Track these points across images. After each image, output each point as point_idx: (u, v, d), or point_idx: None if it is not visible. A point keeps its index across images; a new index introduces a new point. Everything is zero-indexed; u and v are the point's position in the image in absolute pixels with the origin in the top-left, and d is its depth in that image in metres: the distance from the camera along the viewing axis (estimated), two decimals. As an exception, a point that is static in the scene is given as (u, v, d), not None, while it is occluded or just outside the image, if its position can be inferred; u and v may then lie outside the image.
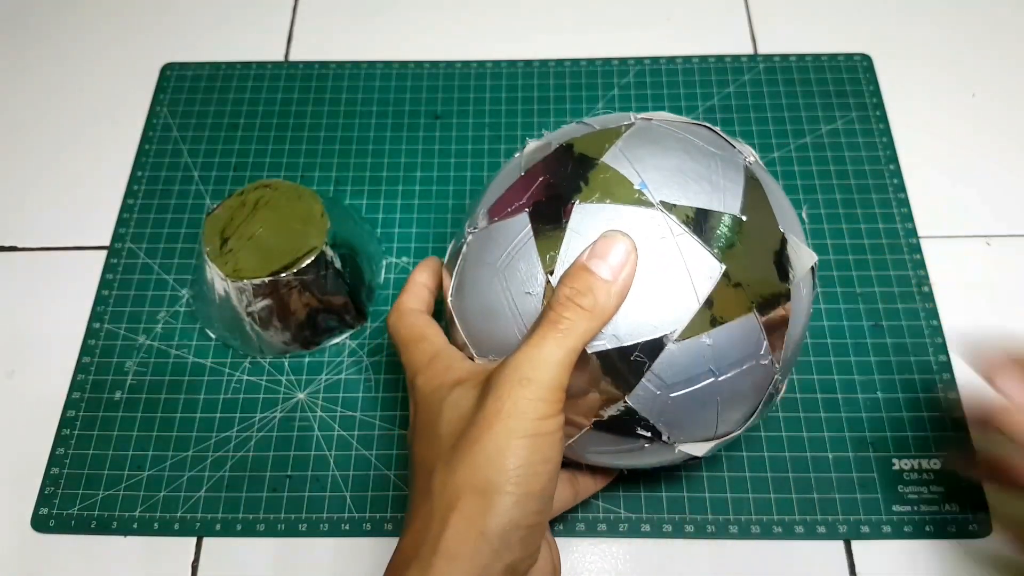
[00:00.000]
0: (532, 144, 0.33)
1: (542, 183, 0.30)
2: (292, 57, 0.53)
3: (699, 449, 0.30)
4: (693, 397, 0.28)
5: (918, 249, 0.44)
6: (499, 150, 0.48)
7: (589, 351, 0.27)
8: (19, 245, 0.47)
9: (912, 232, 0.45)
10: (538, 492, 0.26)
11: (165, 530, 0.38)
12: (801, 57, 0.51)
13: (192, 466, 0.40)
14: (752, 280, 0.28)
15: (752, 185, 0.29)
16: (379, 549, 0.38)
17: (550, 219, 0.28)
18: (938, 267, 0.44)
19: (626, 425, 0.29)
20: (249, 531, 0.38)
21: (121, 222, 0.47)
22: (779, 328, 0.29)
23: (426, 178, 0.47)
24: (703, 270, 0.27)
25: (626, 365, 0.27)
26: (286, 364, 0.42)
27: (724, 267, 0.27)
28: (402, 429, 0.40)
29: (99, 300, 0.44)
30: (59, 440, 0.40)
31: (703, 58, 0.51)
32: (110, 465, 0.40)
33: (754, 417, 0.31)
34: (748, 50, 0.52)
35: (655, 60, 0.51)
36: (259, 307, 0.39)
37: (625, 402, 0.28)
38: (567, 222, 0.28)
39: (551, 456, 0.27)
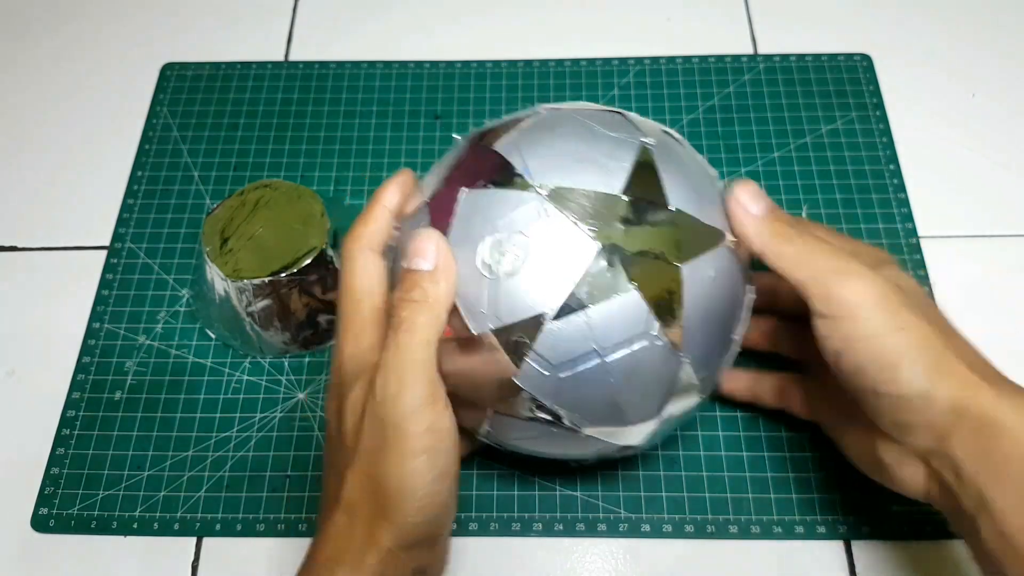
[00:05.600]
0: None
1: (455, 174, 0.31)
2: (292, 57, 0.53)
3: (615, 436, 0.30)
4: (583, 379, 0.28)
5: (918, 249, 0.44)
6: (499, 150, 0.48)
7: (475, 333, 0.28)
8: (19, 245, 0.47)
9: (912, 232, 0.45)
10: (440, 508, 0.28)
11: (165, 530, 0.38)
12: (801, 57, 0.51)
13: (192, 466, 0.40)
14: (634, 258, 0.28)
15: (642, 165, 0.29)
16: (379, 549, 0.38)
17: (444, 210, 0.29)
18: (938, 267, 0.44)
19: (524, 407, 0.29)
20: (249, 531, 0.38)
21: (121, 222, 0.47)
22: (669, 307, 0.28)
23: (426, 178, 0.47)
24: (579, 249, 0.28)
25: (510, 346, 0.28)
26: (286, 364, 0.42)
27: (600, 245, 0.27)
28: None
29: (99, 300, 0.44)
30: (59, 440, 0.40)
31: (703, 58, 0.51)
32: (110, 465, 0.40)
33: (672, 406, 0.30)
34: (748, 50, 0.52)
35: (655, 60, 0.51)
36: (259, 307, 0.39)
37: (514, 382, 0.28)
38: (456, 208, 0.29)
39: (448, 467, 0.28)
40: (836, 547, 0.37)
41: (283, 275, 0.38)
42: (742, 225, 0.30)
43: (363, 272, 0.30)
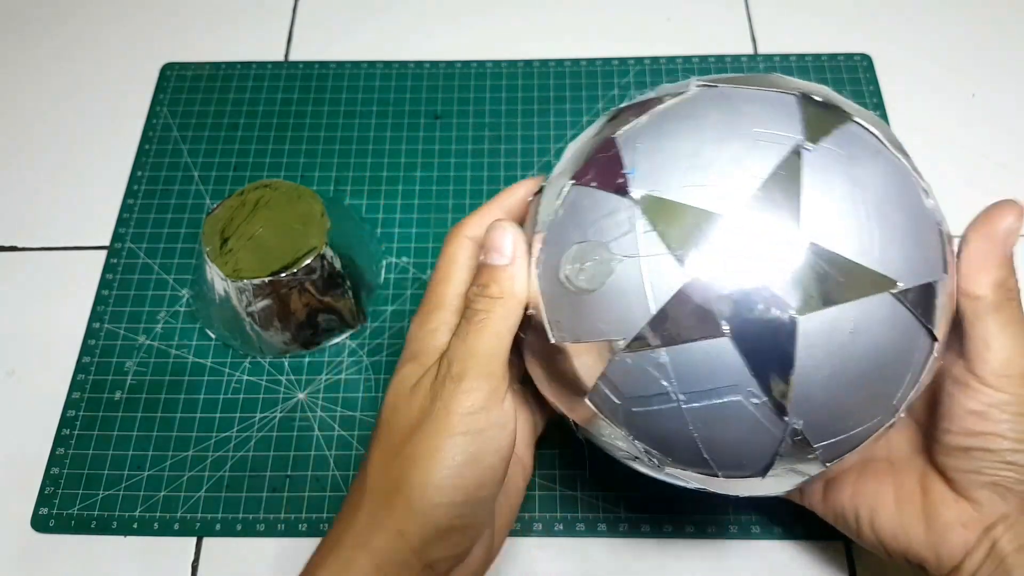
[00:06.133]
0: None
1: (583, 164, 0.27)
2: (292, 57, 0.53)
3: (708, 484, 0.27)
4: (659, 419, 0.25)
5: (918, 249, 0.44)
6: (499, 150, 0.48)
7: (552, 341, 0.26)
8: (19, 245, 0.47)
9: (912, 232, 0.45)
10: (467, 498, 0.26)
11: (165, 530, 0.38)
12: (801, 57, 0.51)
13: (192, 466, 0.40)
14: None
15: (781, 177, 0.24)
16: (379, 549, 0.38)
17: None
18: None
19: (602, 428, 0.27)
20: (249, 531, 0.38)
21: (121, 222, 0.47)
22: (780, 365, 0.23)
23: (426, 178, 0.47)
24: (665, 276, 0.23)
25: (579, 364, 0.25)
26: (286, 364, 0.42)
27: (687, 279, 0.23)
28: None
29: (99, 300, 0.44)
30: (59, 440, 0.40)
31: (703, 58, 0.51)
32: (110, 465, 0.40)
33: (782, 469, 0.25)
34: (748, 50, 0.52)
35: (655, 60, 0.51)
36: (259, 307, 0.39)
37: (585, 400, 0.26)
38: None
39: (486, 459, 0.26)
40: (836, 548, 0.37)
41: (283, 275, 0.38)
42: (973, 273, 0.26)
43: (451, 258, 0.30)
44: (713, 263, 0.23)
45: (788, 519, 0.37)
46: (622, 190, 0.25)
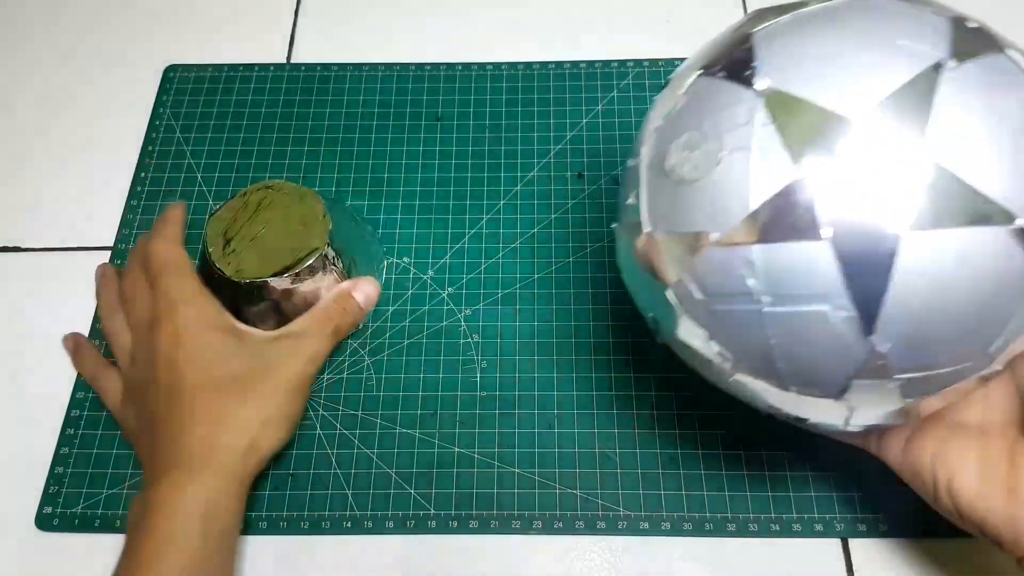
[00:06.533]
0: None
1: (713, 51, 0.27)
2: (294, 59, 0.53)
3: (776, 399, 0.26)
4: (738, 319, 0.24)
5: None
6: (499, 151, 0.48)
7: (645, 230, 0.26)
8: (23, 246, 0.47)
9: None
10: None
11: (168, 528, 0.38)
12: (799, 59, 0.51)
13: (195, 464, 0.40)
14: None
15: (915, 93, 0.22)
16: (381, 547, 0.38)
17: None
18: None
19: (677, 320, 0.26)
20: (252, 529, 0.38)
21: (124, 223, 0.47)
22: (875, 280, 0.22)
23: (427, 179, 0.48)
24: (774, 172, 0.23)
25: (672, 256, 0.25)
26: (288, 363, 0.42)
27: (796, 178, 0.22)
28: (403, 428, 0.40)
29: (103, 300, 0.45)
30: (63, 439, 0.41)
31: (702, 60, 0.51)
32: (114, 464, 0.40)
33: (858, 397, 0.24)
34: (747, 52, 0.52)
35: (654, 62, 0.52)
36: (262, 307, 0.40)
37: (665, 289, 0.26)
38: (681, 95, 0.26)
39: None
40: (833, 545, 0.37)
41: (285, 275, 0.39)
42: None
43: (181, 252, 0.41)
44: (826, 165, 0.22)
45: (786, 517, 0.38)
46: (748, 82, 0.24)
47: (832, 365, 0.24)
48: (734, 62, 0.25)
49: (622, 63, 0.52)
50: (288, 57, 0.53)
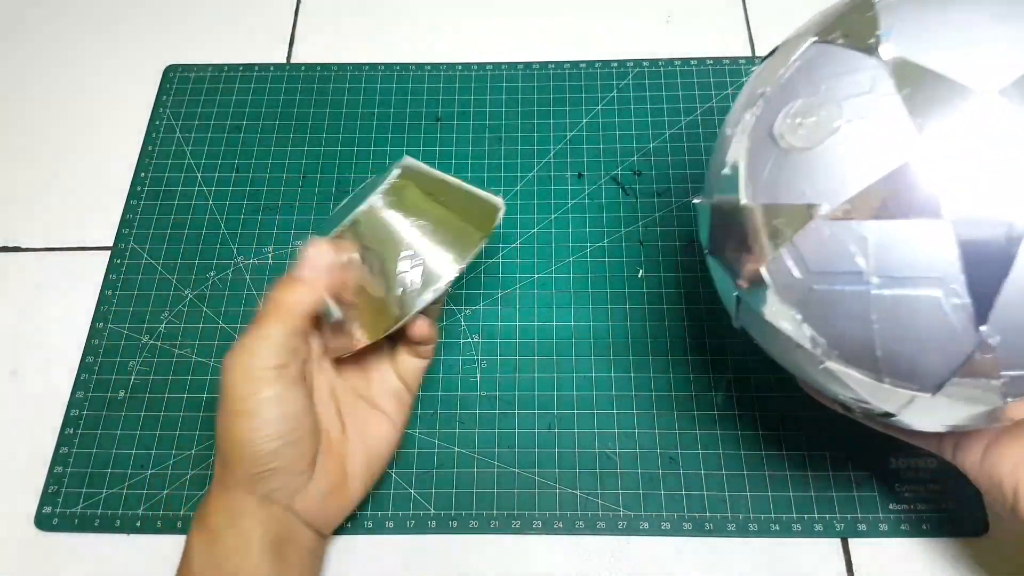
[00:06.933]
0: None
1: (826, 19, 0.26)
2: (294, 59, 0.53)
3: (866, 390, 0.24)
4: (839, 300, 0.23)
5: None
6: (499, 151, 0.48)
7: (743, 202, 0.24)
8: (23, 245, 0.47)
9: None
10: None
11: (168, 528, 0.38)
12: (799, 59, 0.51)
13: (195, 464, 0.40)
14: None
15: None
16: (381, 547, 0.38)
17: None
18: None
19: (767, 303, 0.25)
20: (251, 529, 0.38)
21: (124, 223, 0.47)
22: (995, 267, 0.21)
23: (427, 179, 0.48)
24: (895, 145, 0.21)
25: (770, 229, 0.24)
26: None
27: (920, 153, 0.21)
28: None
29: (102, 300, 0.45)
30: (63, 439, 0.41)
31: (701, 60, 0.51)
32: (113, 464, 0.40)
33: (956, 390, 0.23)
34: (746, 52, 0.52)
35: (654, 62, 0.52)
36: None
37: (760, 271, 0.24)
38: (791, 60, 0.25)
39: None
40: (833, 544, 0.37)
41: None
42: None
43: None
44: (953, 141, 0.21)
45: (786, 517, 0.38)
46: (871, 50, 0.23)
47: (935, 356, 0.22)
48: (855, 30, 0.24)
49: (622, 63, 0.52)
50: (288, 57, 0.53)
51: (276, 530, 0.31)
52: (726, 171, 0.26)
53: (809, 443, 0.39)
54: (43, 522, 0.39)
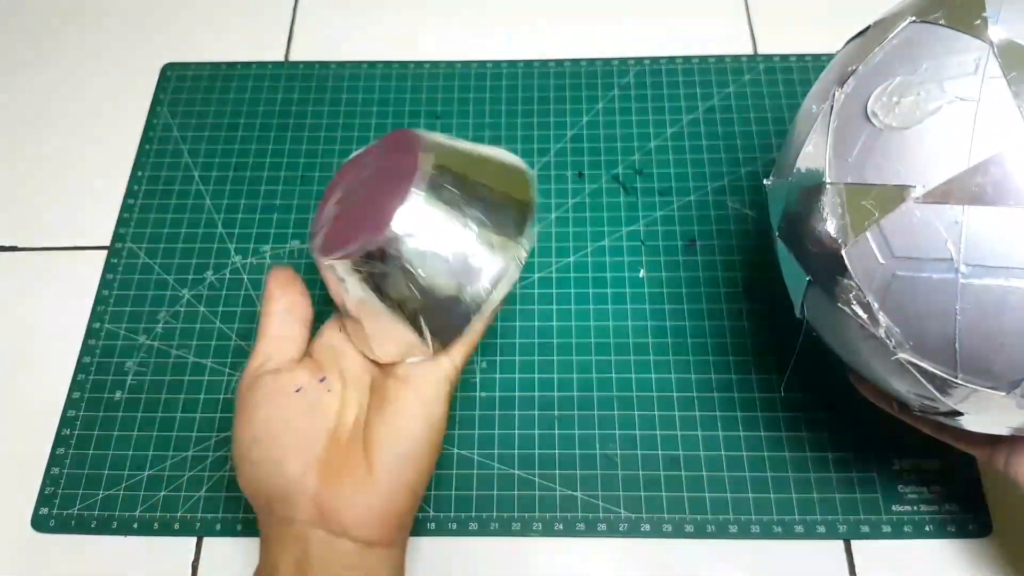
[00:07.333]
0: None
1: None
2: (292, 57, 0.53)
3: (939, 386, 0.23)
4: (923, 288, 0.22)
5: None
6: (499, 150, 0.48)
7: (826, 180, 0.24)
8: (19, 245, 0.47)
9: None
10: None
11: (165, 530, 0.38)
12: (801, 57, 0.51)
13: (192, 466, 0.40)
14: None
15: None
16: (379, 549, 0.38)
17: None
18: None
19: (843, 288, 0.24)
20: (249, 531, 0.38)
21: (121, 222, 0.47)
22: None
23: (426, 178, 0.47)
24: (1000, 127, 0.21)
25: (856, 209, 0.23)
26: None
27: (1022, 136, 0.20)
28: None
29: (99, 300, 0.44)
30: (59, 440, 0.40)
31: (703, 58, 0.51)
32: (110, 465, 0.40)
33: (1018, 395, 0.22)
34: (748, 50, 0.52)
35: (655, 60, 0.51)
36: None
37: (840, 254, 0.23)
38: (889, 38, 0.25)
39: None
40: (836, 546, 0.37)
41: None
42: None
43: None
44: None
45: (788, 519, 0.37)
46: (978, 31, 0.22)
47: (1017, 353, 0.22)
48: (959, 10, 0.23)
49: (622, 62, 0.51)
50: (286, 55, 0.53)
51: (306, 550, 0.28)
52: (808, 148, 0.25)
53: (812, 444, 0.39)
54: (40, 524, 0.38)
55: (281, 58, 0.53)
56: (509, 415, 0.40)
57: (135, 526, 0.38)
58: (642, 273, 0.44)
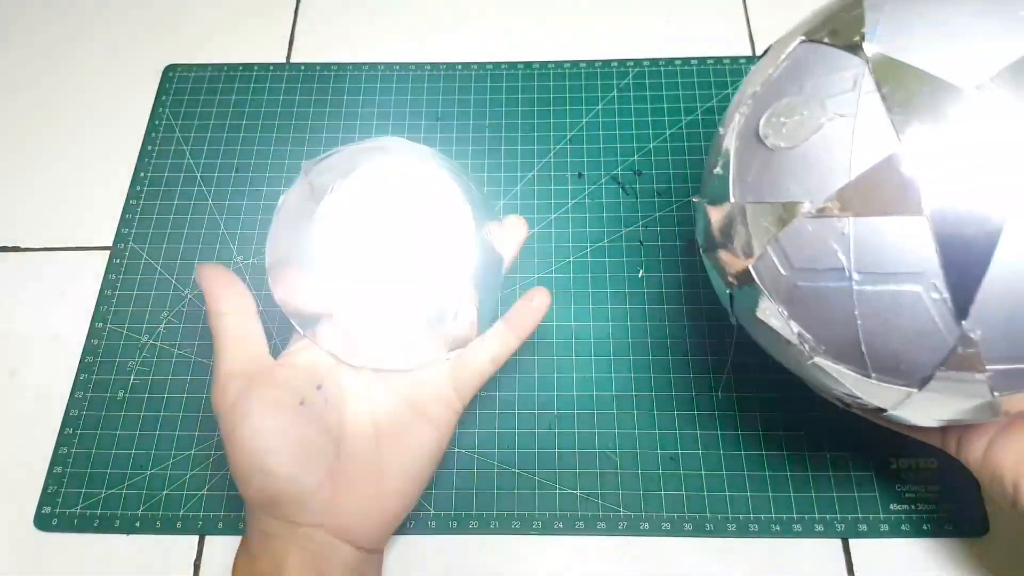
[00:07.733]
0: None
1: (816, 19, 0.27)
2: (294, 59, 0.53)
3: (854, 385, 0.25)
4: (824, 297, 0.23)
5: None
6: (499, 151, 0.48)
7: (732, 200, 0.25)
8: (22, 245, 0.47)
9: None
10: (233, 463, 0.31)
11: (168, 528, 0.38)
12: (799, 59, 0.51)
13: (195, 465, 0.40)
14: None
15: None
16: (380, 547, 0.38)
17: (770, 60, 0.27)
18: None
19: (755, 299, 0.25)
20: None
21: (124, 222, 0.47)
22: (974, 262, 0.21)
23: (427, 179, 0.48)
24: (876, 141, 0.22)
25: (757, 227, 0.24)
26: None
27: (900, 149, 0.21)
28: (403, 428, 0.40)
29: (102, 300, 0.44)
30: (62, 439, 0.41)
31: (702, 60, 0.51)
32: (113, 464, 0.40)
33: (942, 386, 0.23)
34: (746, 52, 0.52)
35: (654, 62, 0.52)
36: None
37: (748, 269, 0.25)
38: (779, 61, 0.26)
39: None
40: (834, 545, 0.37)
41: None
42: None
43: None
44: (933, 137, 0.21)
45: (786, 517, 0.38)
46: (855, 48, 0.23)
47: (919, 351, 0.23)
48: (841, 28, 0.24)
49: (622, 63, 0.52)
50: (288, 57, 0.53)
51: (313, 551, 0.30)
52: (717, 170, 0.27)
53: (810, 443, 0.39)
54: (42, 522, 0.39)
55: (283, 59, 0.53)
56: (509, 414, 0.41)
57: (137, 525, 0.38)
58: (641, 273, 0.44)
